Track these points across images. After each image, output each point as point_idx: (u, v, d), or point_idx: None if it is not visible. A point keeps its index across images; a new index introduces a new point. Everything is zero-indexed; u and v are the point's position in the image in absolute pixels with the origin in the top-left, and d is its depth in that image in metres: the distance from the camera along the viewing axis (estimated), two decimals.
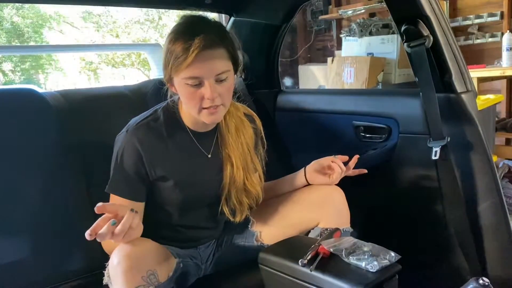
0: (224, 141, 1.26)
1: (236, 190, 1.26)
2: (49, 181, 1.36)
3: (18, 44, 7.44)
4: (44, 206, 1.33)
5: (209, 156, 1.25)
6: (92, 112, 1.51)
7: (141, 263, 0.99)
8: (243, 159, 1.27)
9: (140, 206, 1.18)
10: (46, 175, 1.36)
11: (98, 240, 0.92)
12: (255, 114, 1.37)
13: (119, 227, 0.93)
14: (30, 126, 1.36)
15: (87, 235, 0.91)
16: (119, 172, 1.16)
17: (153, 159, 1.17)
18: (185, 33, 1.07)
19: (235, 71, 1.18)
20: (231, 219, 1.29)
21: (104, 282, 1.07)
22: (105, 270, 1.07)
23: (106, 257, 1.06)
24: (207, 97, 1.09)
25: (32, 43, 7.83)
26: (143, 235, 1.20)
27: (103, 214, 0.95)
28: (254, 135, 1.33)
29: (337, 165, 1.31)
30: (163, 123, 1.20)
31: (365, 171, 1.35)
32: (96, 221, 0.94)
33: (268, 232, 1.33)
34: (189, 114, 1.20)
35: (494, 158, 1.36)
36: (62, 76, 8.54)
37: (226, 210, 1.27)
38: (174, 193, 1.21)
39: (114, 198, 1.16)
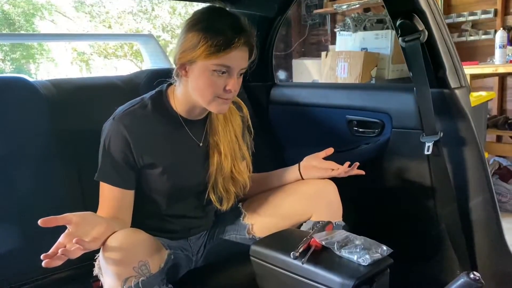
0: (213, 129, 1.27)
1: (223, 178, 1.27)
2: (40, 170, 1.34)
3: (8, 32, 7.33)
4: (34, 195, 1.32)
5: (201, 144, 1.26)
6: (83, 102, 1.49)
7: (132, 254, 0.99)
8: (231, 147, 1.28)
9: (130, 194, 1.18)
10: (36, 164, 1.35)
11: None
12: (242, 102, 1.38)
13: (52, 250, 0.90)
14: (20, 114, 1.34)
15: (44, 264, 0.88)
16: (108, 160, 1.16)
17: (141, 146, 1.17)
18: (226, 27, 1.09)
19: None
20: (218, 207, 1.30)
21: (94, 273, 1.06)
22: (95, 261, 1.07)
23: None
24: (230, 87, 1.12)
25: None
26: (133, 226, 1.19)
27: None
28: (241, 123, 1.34)
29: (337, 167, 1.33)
30: (151, 110, 1.20)
31: (363, 172, 1.34)
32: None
33: (260, 225, 1.33)
34: (184, 101, 1.20)
35: (485, 155, 1.36)
36: (54, 67, 8.45)
37: (213, 197, 1.28)
38: (162, 181, 1.21)
39: (104, 186, 1.16)
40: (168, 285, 1.08)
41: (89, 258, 1.05)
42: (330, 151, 1.37)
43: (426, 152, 1.33)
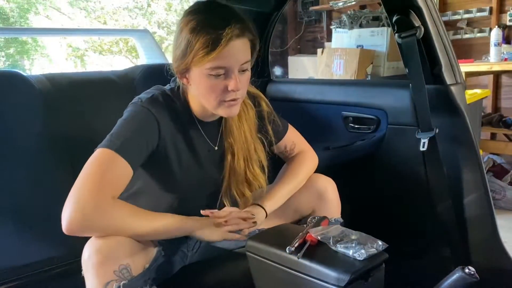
0: (227, 130, 1.21)
1: (236, 182, 1.21)
2: (34, 165, 1.34)
3: (2, 26, 7.27)
4: (28, 191, 1.31)
5: (216, 148, 1.21)
6: (78, 96, 1.48)
7: (112, 257, 0.95)
8: (245, 148, 1.21)
9: (130, 174, 1.05)
10: (30, 159, 1.34)
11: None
12: (261, 95, 1.29)
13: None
14: (15, 109, 1.34)
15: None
16: (127, 132, 1.05)
17: (166, 136, 1.11)
18: (212, 22, 1.01)
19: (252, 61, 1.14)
20: None
21: (83, 273, 1.05)
22: None
23: None
24: (231, 88, 1.04)
25: None
26: None
27: None
28: (256, 120, 1.26)
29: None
30: (177, 104, 1.14)
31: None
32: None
33: None
34: (197, 103, 1.15)
35: (480, 152, 1.37)
36: (48, 62, 8.40)
37: (226, 202, 1.22)
38: (174, 181, 1.17)
39: (115, 162, 1.00)
40: (152, 286, 1.04)
41: (80, 255, 1.05)
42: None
43: (421, 149, 1.34)
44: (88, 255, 0.95)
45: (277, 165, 1.37)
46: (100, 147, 1.03)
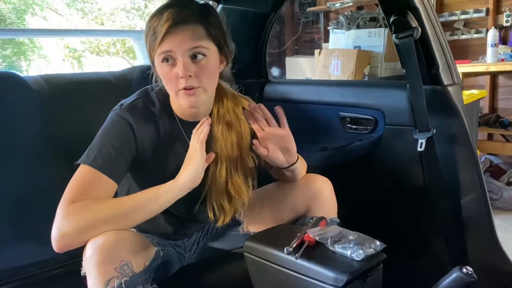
0: (213, 136, 1.17)
1: (216, 192, 1.18)
2: (31, 166, 1.33)
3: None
4: (25, 192, 1.31)
5: None
6: (75, 97, 1.48)
7: (114, 254, 0.96)
8: (229, 159, 1.18)
9: (114, 188, 1.07)
10: (27, 160, 1.33)
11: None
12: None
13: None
14: (12, 110, 1.33)
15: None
16: (108, 148, 1.07)
17: (144, 142, 1.13)
18: (159, 9, 1.06)
19: (224, 56, 1.15)
20: (212, 221, 1.22)
21: (82, 272, 1.05)
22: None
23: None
24: (180, 75, 1.04)
25: None
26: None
27: None
28: (249, 137, 1.23)
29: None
30: (156, 107, 1.16)
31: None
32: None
33: (254, 222, 1.32)
34: (175, 100, 1.15)
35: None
36: (45, 64, 8.39)
37: (208, 211, 1.20)
38: (155, 184, 1.12)
39: (92, 176, 1.03)
40: (153, 284, 1.05)
41: (79, 255, 1.04)
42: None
43: (419, 149, 1.34)
44: (91, 253, 0.96)
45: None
46: (83, 162, 1.05)
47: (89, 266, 0.96)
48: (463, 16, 3.60)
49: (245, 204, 1.23)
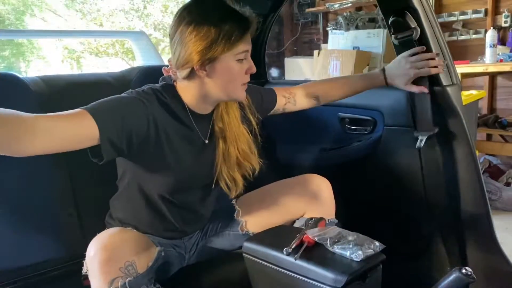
0: (218, 116, 1.22)
1: (227, 167, 1.22)
2: (30, 168, 1.33)
3: None
4: (25, 194, 1.31)
5: (206, 142, 1.20)
6: (74, 98, 1.46)
7: (118, 254, 0.97)
8: (234, 131, 1.23)
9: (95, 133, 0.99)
10: (26, 162, 1.32)
11: None
12: None
13: None
14: None
15: None
16: (115, 110, 1.02)
17: (159, 124, 1.10)
18: (234, 9, 1.10)
19: None
20: (227, 192, 1.24)
21: (84, 272, 1.05)
22: (85, 259, 1.05)
23: (86, 246, 1.04)
24: (253, 69, 1.14)
25: None
26: (128, 224, 1.18)
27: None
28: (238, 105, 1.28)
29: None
30: (167, 98, 1.14)
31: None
32: None
33: (253, 222, 1.32)
34: (191, 96, 1.14)
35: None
36: (44, 65, 8.37)
37: (222, 185, 1.23)
38: (168, 169, 1.14)
39: (84, 121, 1.00)
40: (156, 284, 1.06)
41: (79, 256, 1.05)
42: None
43: (418, 145, 1.33)
44: (94, 253, 0.96)
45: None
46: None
47: (93, 265, 0.96)
48: (461, 17, 3.60)
49: (256, 168, 1.26)
